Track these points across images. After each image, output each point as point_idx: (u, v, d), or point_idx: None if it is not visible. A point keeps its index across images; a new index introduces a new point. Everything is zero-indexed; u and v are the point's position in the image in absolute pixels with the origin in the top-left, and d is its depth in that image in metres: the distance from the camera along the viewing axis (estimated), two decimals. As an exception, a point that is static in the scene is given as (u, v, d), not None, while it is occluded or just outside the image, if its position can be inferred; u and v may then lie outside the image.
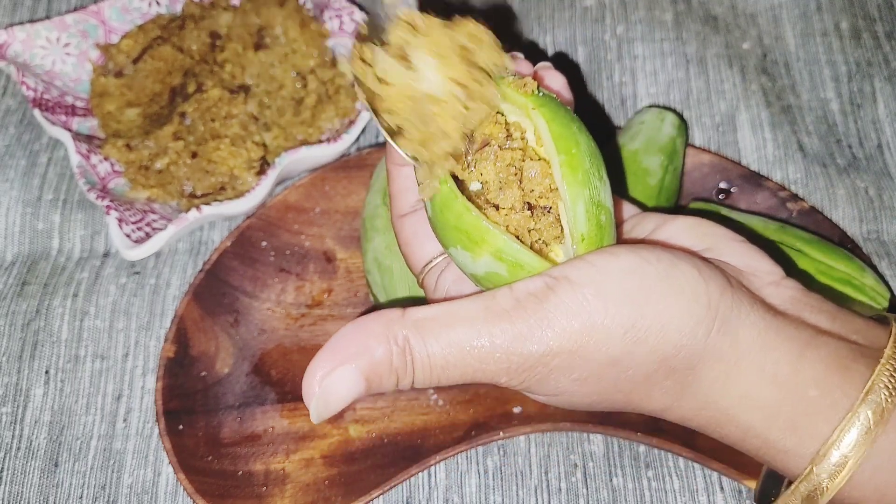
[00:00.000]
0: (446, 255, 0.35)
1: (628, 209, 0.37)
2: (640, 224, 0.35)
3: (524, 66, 0.35)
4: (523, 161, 0.31)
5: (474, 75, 0.31)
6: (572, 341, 0.29)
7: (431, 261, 0.36)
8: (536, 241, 0.32)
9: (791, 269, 0.43)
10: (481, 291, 0.32)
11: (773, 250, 0.44)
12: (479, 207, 0.31)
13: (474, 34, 0.31)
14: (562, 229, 0.31)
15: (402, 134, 0.31)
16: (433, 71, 0.30)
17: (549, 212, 0.31)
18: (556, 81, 0.36)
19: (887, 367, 0.30)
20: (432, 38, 0.30)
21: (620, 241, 0.34)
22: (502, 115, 0.32)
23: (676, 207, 0.51)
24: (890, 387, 0.30)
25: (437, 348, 0.29)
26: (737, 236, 0.34)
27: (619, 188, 0.48)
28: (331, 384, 0.29)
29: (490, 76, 0.31)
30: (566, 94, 0.36)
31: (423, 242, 0.36)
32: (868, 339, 0.32)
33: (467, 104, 0.30)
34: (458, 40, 0.31)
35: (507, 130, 0.32)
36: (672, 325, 0.29)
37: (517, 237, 0.31)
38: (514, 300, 0.29)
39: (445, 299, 0.33)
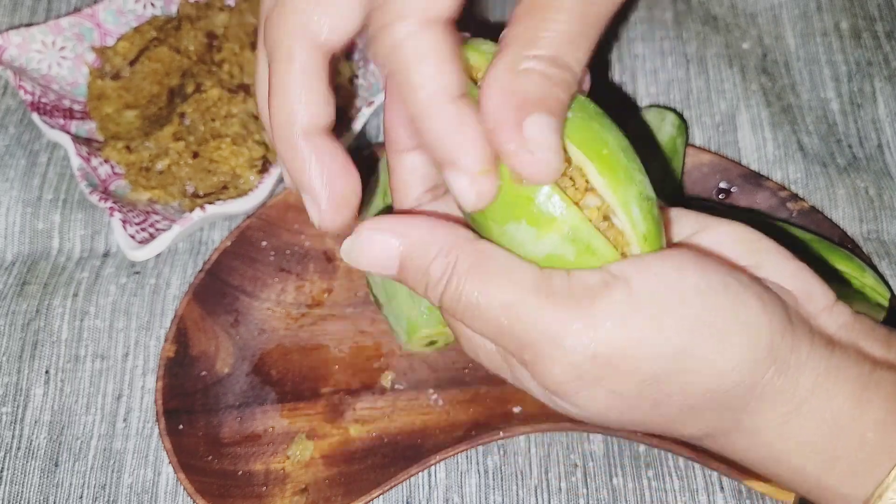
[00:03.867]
0: None
1: None
2: (678, 222, 0.32)
3: None
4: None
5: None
6: (613, 348, 0.27)
7: None
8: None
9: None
10: None
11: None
12: None
13: None
14: (617, 234, 0.29)
15: None
16: None
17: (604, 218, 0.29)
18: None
19: None
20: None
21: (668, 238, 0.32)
22: None
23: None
24: None
25: (475, 290, 0.28)
26: (788, 253, 0.31)
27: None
28: (370, 241, 0.29)
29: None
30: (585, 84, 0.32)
31: None
32: None
33: None
34: None
35: None
36: (729, 363, 0.28)
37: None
38: (569, 288, 0.27)
39: None
